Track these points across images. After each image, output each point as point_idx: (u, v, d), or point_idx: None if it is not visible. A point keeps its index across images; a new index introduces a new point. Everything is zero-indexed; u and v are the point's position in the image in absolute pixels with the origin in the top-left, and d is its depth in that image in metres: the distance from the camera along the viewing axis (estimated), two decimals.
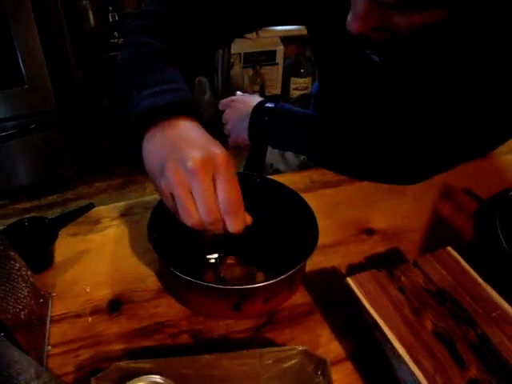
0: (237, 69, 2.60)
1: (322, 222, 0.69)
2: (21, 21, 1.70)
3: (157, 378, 0.50)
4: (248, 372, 0.53)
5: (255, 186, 0.77)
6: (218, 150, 0.53)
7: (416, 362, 0.53)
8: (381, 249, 0.76)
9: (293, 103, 1.20)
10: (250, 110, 0.97)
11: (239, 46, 2.55)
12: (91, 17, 2.13)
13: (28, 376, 0.47)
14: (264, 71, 2.68)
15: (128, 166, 2.14)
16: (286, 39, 2.65)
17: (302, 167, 1.07)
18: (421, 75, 0.78)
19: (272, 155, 1.17)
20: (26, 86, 1.84)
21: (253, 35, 2.46)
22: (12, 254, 0.57)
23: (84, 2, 2.09)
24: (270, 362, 0.54)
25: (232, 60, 2.59)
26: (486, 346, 0.55)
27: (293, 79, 2.76)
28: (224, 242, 0.71)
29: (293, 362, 0.54)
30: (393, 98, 0.84)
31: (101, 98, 2.36)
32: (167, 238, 0.66)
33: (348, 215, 0.82)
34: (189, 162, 0.51)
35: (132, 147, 0.61)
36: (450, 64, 0.74)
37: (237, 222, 0.54)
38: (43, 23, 1.80)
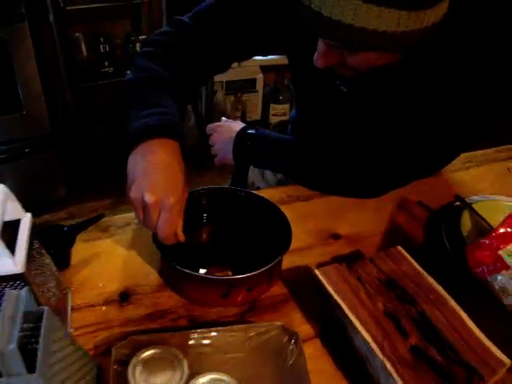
0: (219, 96, 2.76)
1: (296, 229, 0.84)
2: (21, 52, 1.85)
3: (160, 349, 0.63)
4: (234, 342, 0.67)
5: (240, 199, 0.91)
6: (169, 196, 0.71)
7: (368, 332, 0.67)
8: (345, 250, 0.90)
9: (272, 129, 1.36)
10: (234, 134, 1.12)
11: (222, 75, 2.71)
12: (84, 48, 2.28)
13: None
14: (245, 98, 2.85)
15: (118, 188, 2.26)
16: (265, 68, 2.83)
17: (279, 184, 1.22)
18: (381, 105, 0.94)
19: (253, 174, 1.31)
20: (24, 112, 1.97)
21: (234, 64, 2.62)
22: (44, 252, 0.71)
23: (77, 34, 2.24)
24: (253, 334, 0.68)
25: (215, 87, 2.76)
26: (424, 320, 0.70)
27: (272, 105, 2.92)
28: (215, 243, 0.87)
29: (271, 334, 0.68)
30: (358, 123, 1.00)
31: (92, 124, 2.49)
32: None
33: (318, 223, 0.97)
34: (147, 196, 0.70)
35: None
36: (405, 97, 0.91)
37: (165, 241, 0.74)
38: (41, 54, 1.94)
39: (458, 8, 0.73)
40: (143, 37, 2.39)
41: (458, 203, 0.99)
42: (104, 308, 0.78)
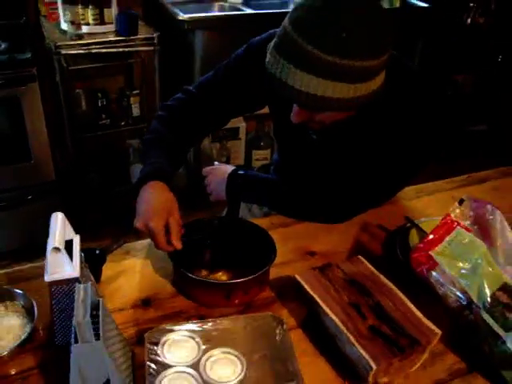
0: (206, 144, 3.01)
1: (279, 249, 1.07)
2: (31, 108, 2.08)
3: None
4: (236, 327, 0.89)
5: (236, 225, 1.15)
6: (153, 223, 1.01)
7: (337, 317, 0.89)
8: (319, 263, 1.12)
9: (257, 171, 1.62)
10: (227, 175, 1.35)
11: None
12: (83, 102, 2.53)
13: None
14: (229, 145, 3.09)
15: (114, 230, 2.45)
16: (247, 117, 3.08)
17: (264, 216, 1.45)
18: (341, 150, 1.20)
19: (241, 210, 1.54)
20: (32, 161, 2.20)
21: None
22: (86, 266, 0.92)
23: (78, 90, 2.49)
24: (250, 321, 0.90)
25: None
26: (378, 307, 0.92)
27: (254, 151, 3.17)
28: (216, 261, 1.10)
29: (264, 321, 0.90)
30: (325, 165, 1.26)
31: (89, 172, 2.71)
32: (179, 256, 1.02)
33: (297, 244, 1.20)
34: (139, 222, 1.03)
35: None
36: (356, 145, 1.17)
37: (163, 250, 1.03)
38: (48, 109, 2.19)
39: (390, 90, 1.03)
40: (136, 91, 2.64)
41: (408, 224, 1.23)
42: (131, 311, 0.99)
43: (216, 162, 1.48)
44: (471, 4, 3.14)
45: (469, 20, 3.20)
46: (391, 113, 1.11)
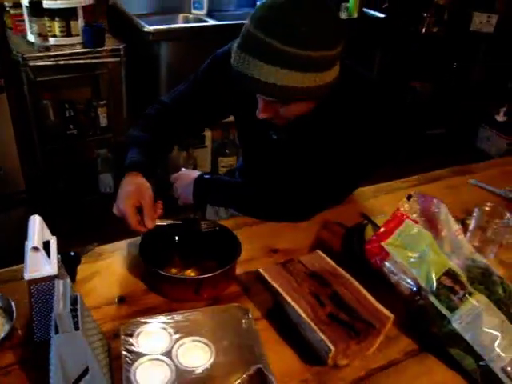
0: (173, 152, 3.07)
1: (245, 247, 1.15)
2: (0, 120, 2.12)
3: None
4: (205, 318, 0.96)
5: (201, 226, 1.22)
6: (123, 204, 1.15)
7: (298, 305, 0.97)
8: (282, 260, 1.20)
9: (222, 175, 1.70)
10: (193, 180, 1.43)
11: None
12: (51, 113, 2.56)
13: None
14: (196, 153, 3.15)
15: (83, 238, 2.49)
16: (213, 125, 3.16)
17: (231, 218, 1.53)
18: (301, 150, 1.29)
19: (208, 214, 1.61)
20: (1, 172, 2.22)
21: None
22: (62, 266, 0.98)
23: (45, 101, 2.52)
24: (216, 312, 0.97)
25: None
26: (336, 296, 1.00)
27: (220, 158, 3.23)
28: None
29: (231, 312, 0.97)
30: (285, 167, 1.34)
31: (57, 181, 2.74)
32: (150, 256, 1.09)
33: (261, 242, 1.28)
34: (114, 208, 1.18)
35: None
36: (318, 144, 1.26)
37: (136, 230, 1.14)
38: (16, 120, 2.22)
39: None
40: (103, 102, 2.69)
41: (365, 221, 1.32)
42: (106, 308, 1.05)
43: (183, 168, 1.55)
44: (425, 14, 3.30)
45: (423, 29, 3.35)
46: (345, 115, 1.21)
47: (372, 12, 3.04)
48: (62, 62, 2.28)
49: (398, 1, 3.21)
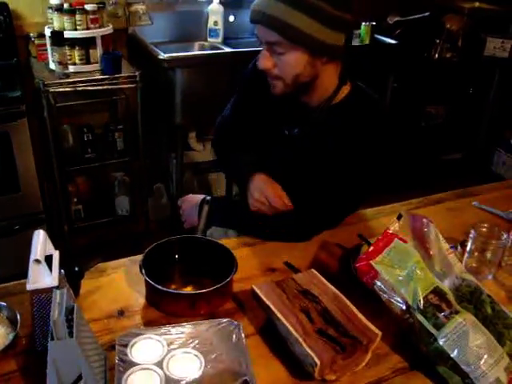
0: (188, 176, 3.14)
1: (244, 265, 1.20)
2: (20, 142, 2.22)
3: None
4: (196, 332, 1.00)
5: (203, 243, 1.27)
6: (255, 195, 1.37)
7: (287, 321, 1.00)
8: (279, 278, 1.24)
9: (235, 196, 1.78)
10: (197, 202, 1.50)
11: (189, 157, 3.10)
12: (70, 137, 2.66)
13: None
14: (210, 177, 3.23)
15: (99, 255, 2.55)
16: None
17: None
18: (310, 145, 1.39)
19: (217, 234, 1.65)
20: (20, 193, 2.32)
21: (200, 147, 3.04)
22: (65, 279, 1.03)
23: (65, 125, 2.63)
24: (210, 325, 1.01)
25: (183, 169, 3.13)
26: (325, 312, 1.03)
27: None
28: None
29: (223, 325, 1.01)
30: (290, 187, 1.39)
31: (74, 203, 2.82)
32: (151, 272, 1.14)
33: (260, 260, 1.32)
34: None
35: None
36: (321, 165, 1.34)
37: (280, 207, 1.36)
38: (36, 143, 2.32)
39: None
40: (120, 126, 2.77)
41: (363, 242, 1.35)
42: (106, 321, 1.09)
43: (190, 194, 1.62)
44: (437, 40, 3.34)
45: (436, 55, 3.39)
46: (353, 126, 1.32)
47: (384, 38, 3.10)
48: (80, 88, 2.38)
49: (410, 27, 3.27)
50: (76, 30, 2.37)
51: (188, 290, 1.21)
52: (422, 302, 1.01)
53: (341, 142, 1.32)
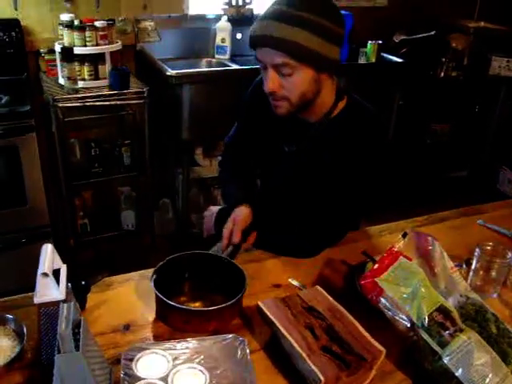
0: (194, 191, 3.16)
1: (250, 281, 1.20)
2: (29, 156, 2.24)
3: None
4: (200, 347, 1.00)
5: (212, 259, 1.29)
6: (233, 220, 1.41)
7: (292, 337, 1.00)
8: (284, 295, 1.25)
9: None
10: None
11: (196, 173, 3.11)
12: (78, 151, 2.68)
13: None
14: (217, 193, 3.24)
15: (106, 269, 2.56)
16: None
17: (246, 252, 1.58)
18: (309, 162, 1.41)
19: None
20: (27, 206, 2.34)
21: (206, 163, 3.05)
22: (72, 293, 1.04)
23: (72, 140, 2.65)
24: (216, 341, 1.01)
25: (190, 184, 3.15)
26: (330, 329, 1.04)
27: None
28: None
29: (228, 341, 1.02)
30: (298, 178, 1.44)
31: (81, 217, 2.84)
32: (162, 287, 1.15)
33: (266, 276, 1.33)
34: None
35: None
36: (325, 158, 1.37)
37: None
38: (44, 157, 2.34)
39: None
40: (127, 141, 2.80)
41: (368, 259, 1.36)
42: (111, 335, 1.10)
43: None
44: (443, 59, 3.37)
45: (442, 74, 3.41)
46: (351, 139, 1.34)
47: (390, 57, 3.12)
48: (89, 104, 2.40)
49: (416, 46, 3.29)
50: (86, 46, 2.40)
51: (197, 305, 1.22)
52: (426, 319, 1.01)
53: (337, 154, 1.35)
